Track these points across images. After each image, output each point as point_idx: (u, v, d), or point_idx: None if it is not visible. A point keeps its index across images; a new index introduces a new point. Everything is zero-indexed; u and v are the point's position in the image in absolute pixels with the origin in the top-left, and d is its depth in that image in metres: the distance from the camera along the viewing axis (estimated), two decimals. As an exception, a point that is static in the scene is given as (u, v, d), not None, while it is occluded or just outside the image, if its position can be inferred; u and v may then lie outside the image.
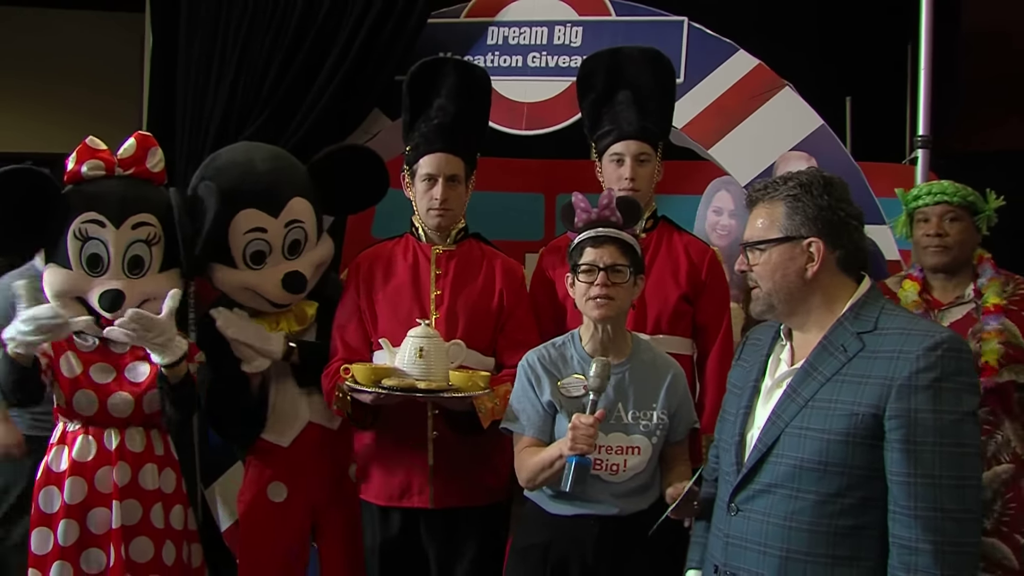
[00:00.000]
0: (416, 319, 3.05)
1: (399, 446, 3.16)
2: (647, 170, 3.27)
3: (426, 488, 3.13)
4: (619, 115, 3.29)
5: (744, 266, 2.27)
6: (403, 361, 2.97)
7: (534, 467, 2.73)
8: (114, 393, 3.21)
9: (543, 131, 4.40)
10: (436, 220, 3.21)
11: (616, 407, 2.75)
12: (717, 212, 4.33)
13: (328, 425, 3.44)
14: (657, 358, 2.87)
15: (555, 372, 2.80)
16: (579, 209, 2.86)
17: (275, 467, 3.42)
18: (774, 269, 2.23)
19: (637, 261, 2.80)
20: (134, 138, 3.29)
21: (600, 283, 2.72)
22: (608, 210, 2.83)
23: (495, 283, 3.24)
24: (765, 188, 2.28)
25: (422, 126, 3.24)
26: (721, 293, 3.32)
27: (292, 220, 3.38)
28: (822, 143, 4.15)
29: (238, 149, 3.54)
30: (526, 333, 3.21)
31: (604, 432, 2.71)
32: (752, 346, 2.45)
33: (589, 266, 2.75)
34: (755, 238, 2.26)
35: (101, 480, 3.18)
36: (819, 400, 2.15)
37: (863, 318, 2.18)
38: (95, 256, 3.21)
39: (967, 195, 3.47)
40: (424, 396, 2.91)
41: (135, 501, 3.22)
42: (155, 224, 3.28)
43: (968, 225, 3.49)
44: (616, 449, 2.73)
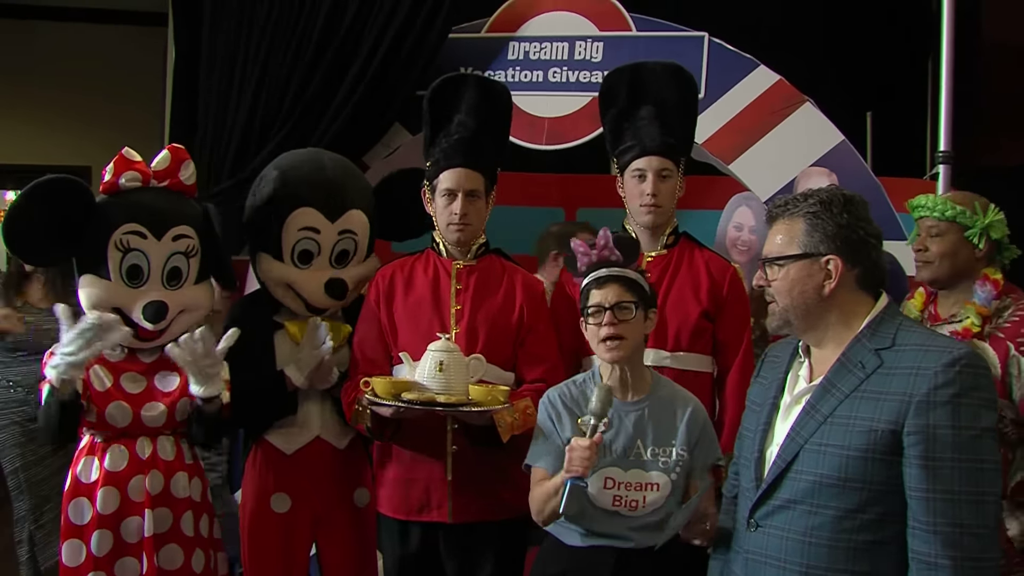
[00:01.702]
0: (436, 333, 3.06)
1: (418, 460, 3.16)
2: (669, 186, 3.26)
3: (445, 503, 3.12)
4: (641, 130, 3.28)
5: (763, 281, 2.28)
6: (423, 375, 2.97)
7: (540, 497, 2.73)
8: (148, 403, 3.21)
9: (563, 146, 4.43)
10: (456, 235, 3.21)
11: (635, 444, 2.75)
12: (738, 228, 4.32)
13: (335, 443, 3.43)
14: (676, 394, 2.86)
15: (575, 409, 2.79)
16: (579, 254, 2.87)
17: (277, 476, 3.41)
18: (792, 285, 2.25)
19: (644, 296, 2.79)
20: (168, 151, 3.30)
21: (608, 323, 2.71)
22: (607, 250, 2.83)
23: (515, 298, 3.23)
24: (785, 204, 2.29)
25: (442, 141, 3.24)
26: (742, 310, 3.30)
27: (346, 229, 3.41)
28: (843, 158, 4.16)
29: (310, 151, 3.59)
30: (546, 348, 3.21)
31: (623, 468, 2.72)
32: (770, 363, 2.46)
33: (595, 308, 2.75)
34: (774, 254, 2.27)
35: (134, 489, 3.18)
36: (838, 416, 2.16)
37: (881, 334, 2.20)
38: (136, 267, 3.22)
39: (947, 209, 3.38)
40: (444, 410, 2.91)
41: (166, 509, 3.22)
42: (193, 236, 3.30)
43: (954, 240, 3.38)
44: (635, 485, 2.72)
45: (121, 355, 3.29)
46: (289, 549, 3.41)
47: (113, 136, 3.83)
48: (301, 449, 3.41)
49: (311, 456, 3.40)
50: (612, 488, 2.71)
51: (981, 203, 3.39)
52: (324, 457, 3.41)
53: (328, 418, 3.40)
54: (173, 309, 3.25)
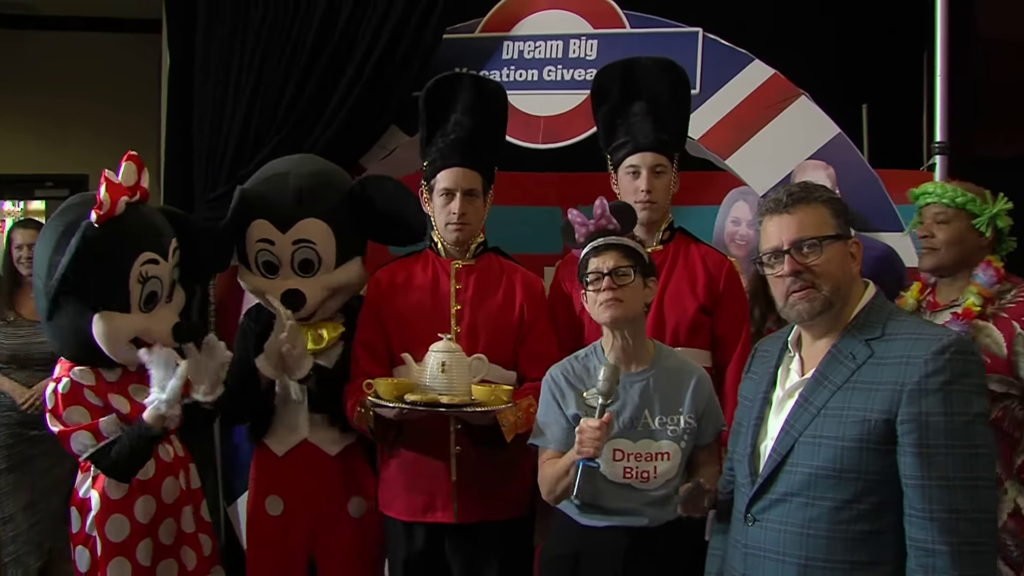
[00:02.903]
0: (438, 334, 3.05)
1: (422, 461, 3.15)
2: (663, 182, 3.26)
3: (449, 503, 3.12)
4: (634, 127, 3.28)
5: (795, 266, 2.23)
6: (426, 376, 2.97)
7: (551, 477, 2.74)
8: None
9: (559, 144, 4.39)
10: (455, 235, 3.21)
11: (643, 414, 2.75)
12: (735, 223, 4.30)
13: (325, 448, 3.42)
14: (681, 364, 2.86)
15: (579, 385, 2.80)
16: (576, 224, 2.87)
17: (271, 478, 3.43)
18: (837, 266, 2.23)
19: (643, 263, 2.80)
20: (129, 161, 3.19)
21: (606, 287, 2.72)
22: (604, 219, 2.83)
23: (515, 297, 3.23)
24: (805, 190, 2.28)
25: (439, 141, 3.25)
26: (740, 304, 3.30)
27: (301, 239, 3.38)
28: (839, 151, 4.13)
29: (290, 160, 3.60)
30: (547, 346, 3.20)
31: (632, 440, 2.72)
32: (761, 358, 2.47)
33: (594, 274, 2.75)
34: (811, 235, 2.23)
35: (168, 491, 3.22)
36: (831, 408, 2.17)
37: (870, 324, 2.21)
38: (153, 294, 3.24)
39: (956, 196, 3.35)
40: (447, 411, 2.91)
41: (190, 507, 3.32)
42: (177, 245, 3.33)
43: (961, 227, 3.35)
44: (645, 456, 2.72)
45: (116, 374, 3.27)
46: (286, 553, 3.41)
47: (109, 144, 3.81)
48: (291, 451, 3.41)
49: (301, 460, 3.40)
50: (622, 460, 2.71)
51: (990, 193, 3.37)
52: (314, 462, 3.40)
53: (318, 422, 3.40)
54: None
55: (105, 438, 3.11)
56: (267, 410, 3.42)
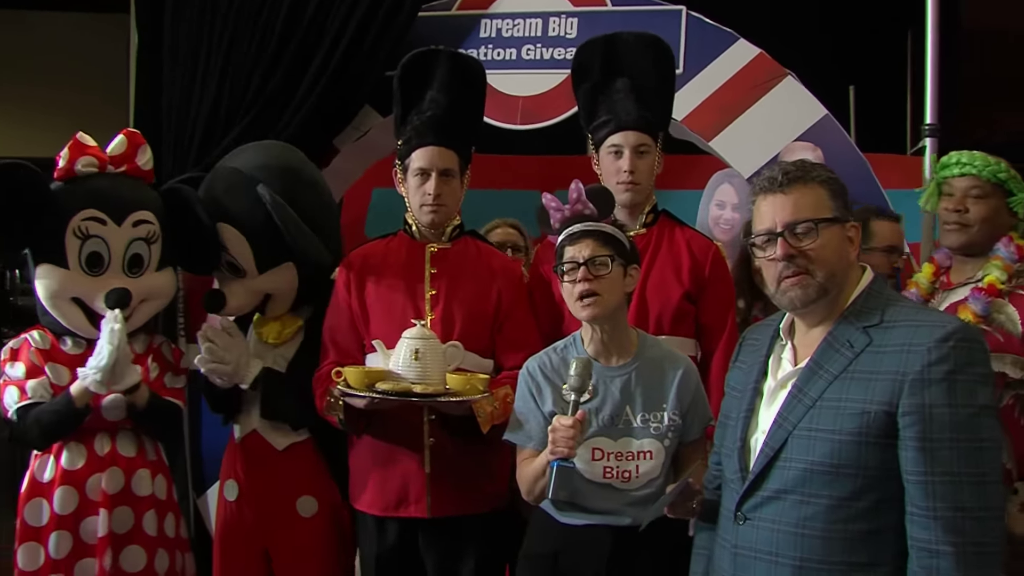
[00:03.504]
0: (411, 320, 2.97)
1: (394, 453, 3.06)
2: (647, 162, 3.17)
3: (423, 497, 3.03)
4: (616, 104, 3.18)
5: (788, 250, 2.12)
6: (398, 364, 2.88)
7: (529, 477, 2.65)
8: (106, 396, 3.12)
9: (539, 125, 4.33)
10: (430, 216, 3.12)
11: (624, 411, 2.65)
12: (720, 206, 4.21)
13: (271, 441, 3.34)
14: (665, 355, 2.75)
15: (556, 379, 2.69)
16: (551, 210, 2.76)
17: (231, 461, 3.40)
18: (833, 250, 2.13)
19: (623, 250, 2.69)
20: (124, 135, 3.26)
21: (582, 278, 2.60)
22: (580, 203, 2.71)
23: (492, 282, 3.15)
24: (802, 169, 2.18)
25: (414, 119, 3.16)
26: (726, 291, 3.21)
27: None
28: (827, 133, 4.07)
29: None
30: (525, 333, 3.12)
31: (612, 438, 2.63)
32: (750, 347, 2.36)
33: (570, 264, 2.64)
34: (807, 216, 2.13)
35: (92, 488, 3.12)
36: (827, 400, 2.07)
37: (868, 311, 2.12)
38: (96, 255, 3.16)
39: (998, 171, 3.16)
40: (420, 400, 2.82)
41: (127, 508, 3.17)
42: (154, 222, 3.25)
43: (996, 205, 3.17)
44: (626, 455, 2.62)
45: (79, 348, 3.20)
46: (244, 540, 3.35)
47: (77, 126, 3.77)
48: (244, 438, 3.37)
49: (251, 449, 3.35)
50: (601, 459, 2.61)
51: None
52: (262, 454, 3.34)
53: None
54: (136, 297, 3.19)
55: (29, 398, 3.08)
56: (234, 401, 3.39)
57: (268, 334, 3.37)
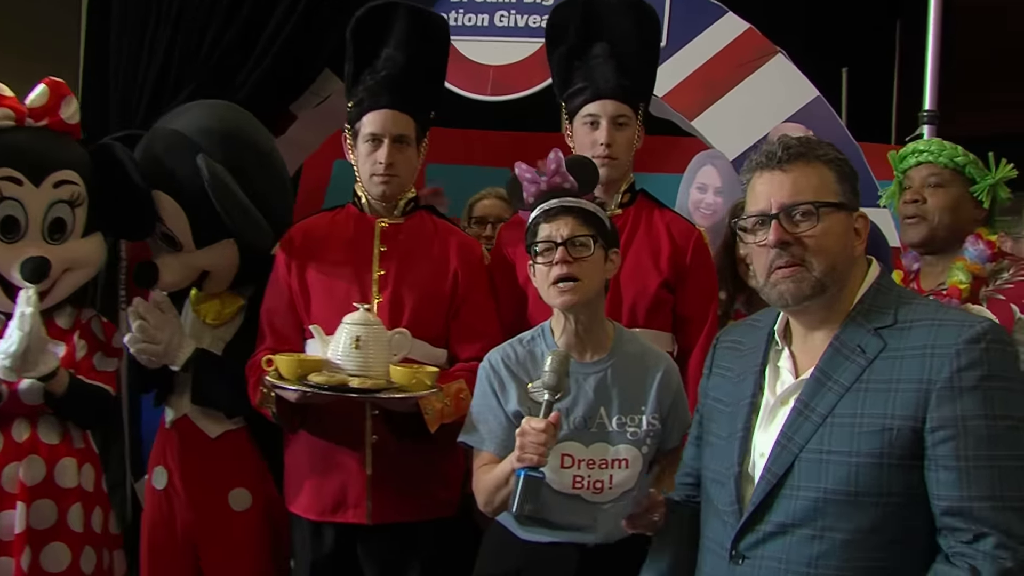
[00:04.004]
0: (354, 303, 2.74)
1: (332, 452, 2.85)
2: (625, 135, 2.96)
3: (363, 501, 2.82)
4: (594, 71, 2.97)
5: (781, 235, 1.86)
6: (336, 352, 2.66)
7: (488, 486, 2.40)
8: (21, 381, 2.89)
9: (511, 97, 4.21)
10: (381, 188, 2.91)
11: (598, 413, 2.42)
12: (701, 189, 4.01)
13: (204, 429, 3.14)
14: (645, 351, 2.54)
15: (522, 375, 2.46)
16: (525, 181, 2.55)
17: (160, 447, 3.22)
18: (836, 239, 1.87)
19: (605, 231, 2.47)
20: (45, 84, 3.03)
21: (559, 260, 2.38)
22: (558, 176, 2.51)
23: (449, 262, 2.94)
24: (806, 145, 1.92)
25: (367, 78, 2.94)
26: (708, 280, 3.01)
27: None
28: (817, 116, 4.00)
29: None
30: (484, 321, 2.93)
31: (583, 443, 2.41)
32: (733, 352, 2.09)
33: (545, 244, 2.42)
34: (807, 199, 1.87)
35: (8, 479, 2.90)
36: (840, 416, 1.80)
37: (879, 311, 1.87)
38: (11, 219, 2.93)
39: (956, 155, 2.94)
40: (358, 396, 2.60)
41: (49, 501, 2.95)
42: (78, 183, 3.02)
43: (957, 195, 2.94)
44: (599, 463, 2.40)
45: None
46: (172, 531, 3.16)
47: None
48: (176, 423, 3.18)
49: (183, 435, 3.16)
50: (571, 467, 2.39)
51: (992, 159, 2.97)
52: (192, 441, 3.15)
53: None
54: (57, 266, 2.97)
55: None
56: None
57: (206, 313, 3.20)
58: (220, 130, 3.12)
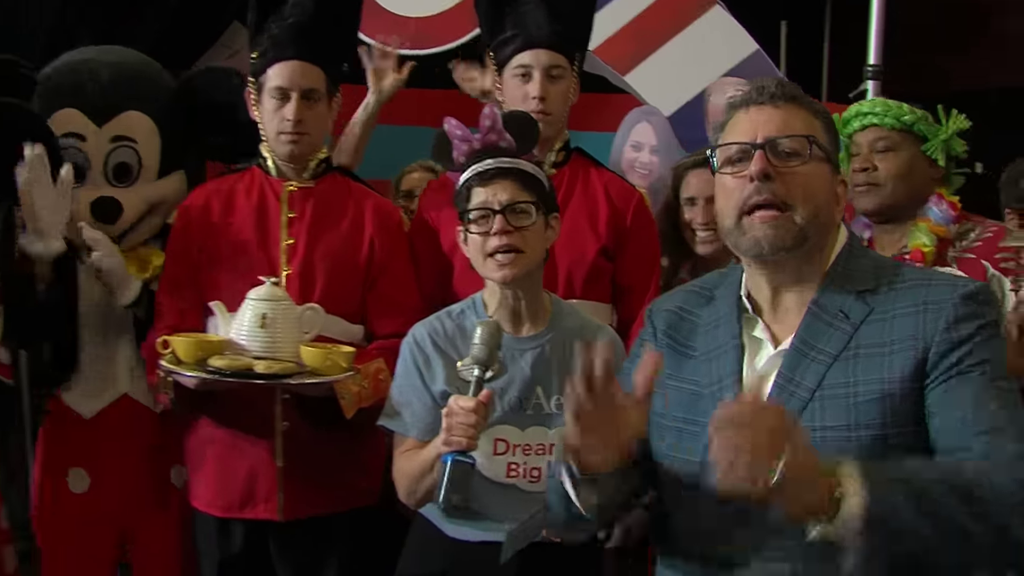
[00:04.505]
0: (259, 276, 2.53)
1: (239, 441, 2.66)
2: (560, 88, 2.77)
3: (274, 494, 2.63)
4: (525, 17, 2.78)
5: (765, 165, 1.65)
6: (241, 332, 2.47)
7: (411, 474, 2.23)
8: None
9: (434, 51, 4.06)
10: (288, 147, 2.69)
11: (534, 392, 2.26)
12: (636, 147, 3.82)
13: (149, 404, 2.90)
14: (585, 325, 2.36)
15: (451, 351, 2.27)
16: (456, 139, 2.38)
17: (73, 446, 2.92)
18: (822, 185, 1.69)
19: (545, 195, 2.29)
20: None
21: (498, 230, 2.20)
22: (494, 133, 2.36)
23: (364, 229, 2.75)
24: (797, 90, 1.74)
25: (272, 27, 2.71)
26: (650, 247, 2.83)
27: (120, 136, 2.91)
28: (757, 71, 3.84)
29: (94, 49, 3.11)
30: (404, 293, 2.74)
31: (519, 427, 2.25)
32: (685, 322, 1.83)
33: (481, 211, 2.24)
34: (801, 132, 1.68)
35: None
36: (830, 388, 1.62)
37: (856, 273, 1.71)
38: None
39: (903, 114, 2.77)
40: (266, 382, 2.40)
41: None
42: None
43: (909, 157, 2.76)
44: (536, 448, 2.24)
45: None
46: (91, 544, 2.91)
47: None
48: (104, 410, 2.91)
49: (116, 419, 2.90)
50: (506, 453, 2.24)
51: (942, 110, 2.80)
52: (132, 421, 2.91)
53: (140, 369, 2.89)
54: None
55: None
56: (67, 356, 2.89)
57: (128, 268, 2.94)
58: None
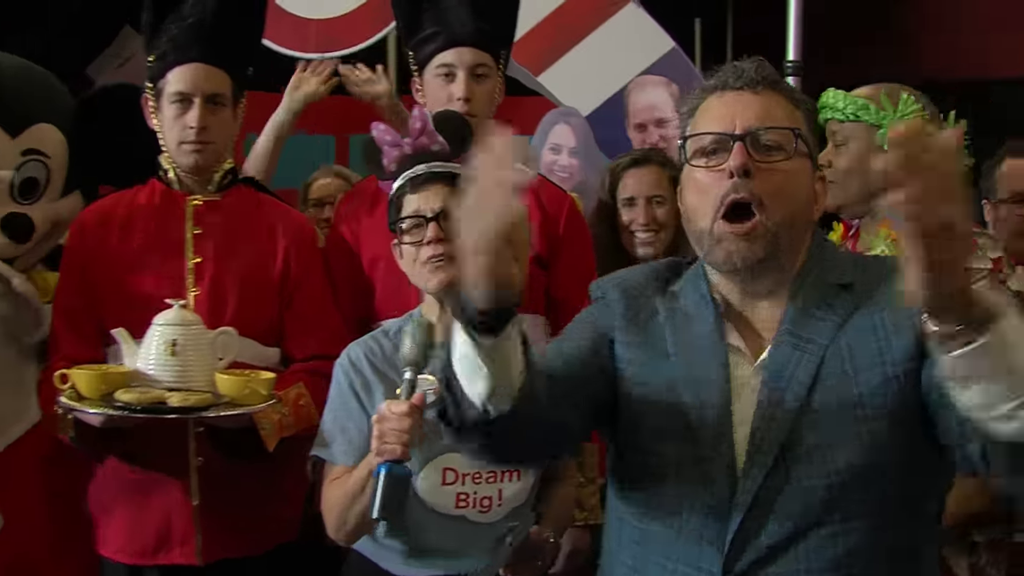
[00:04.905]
0: (166, 299, 2.38)
1: (149, 480, 2.49)
2: (486, 88, 2.68)
3: (191, 537, 2.46)
4: (447, 13, 2.69)
5: (746, 161, 1.50)
6: (148, 361, 2.31)
7: (341, 501, 2.06)
8: None
9: (338, 54, 3.85)
10: (192, 157, 2.52)
11: None
12: (555, 150, 3.75)
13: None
14: None
15: (392, 373, 2.14)
16: (385, 145, 2.24)
17: None
18: (803, 187, 1.56)
19: None
20: None
21: (432, 238, 2.10)
22: (426, 136, 2.24)
23: (277, 244, 2.61)
24: (776, 75, 1.60)
25: (171, 27, 2.55)
26: (585, 254, 2.75)
27: (32, 150, 2.71)
28: (675, 69, 3.89)
29: None
30: (322, 312, 2.60)
31: None
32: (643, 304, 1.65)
33: (413, 219, 2.13)
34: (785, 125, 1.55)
35: None
36: (828, 377, 1.50)
37: (831, 265, 1.60)
38: None
39: (848, 105, 2.63)
40: (180, 416, 2.24)
41: None
42: None
43: (861, 148, 2.61)
44: (487, 476, 2.12)
45: None
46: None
47: None
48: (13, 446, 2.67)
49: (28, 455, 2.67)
50: (454, 483, 2.13)
51: (891, 92, 2.63)
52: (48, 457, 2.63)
53: None
54: None
55: None
56: None
57: None
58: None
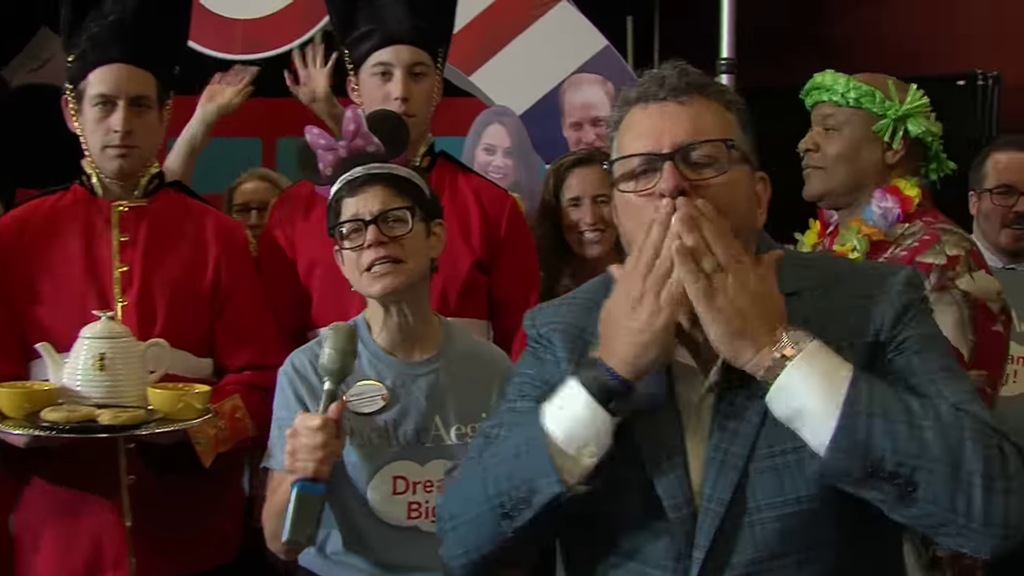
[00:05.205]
0: (92, 311, 2.28)
1: (78, 501, 2.36)
2: (424, 87, 2.60)
3: (124, 559, 2.34)
4: (383, 11, 2.60)
5: (677, 180, 1.40)
6: (75, 377, 2.20)
7: (271, 513, 2.00)
8: None
9: (264, 55, 3.81)
10: (116, 162, 2.40)
11: (432, 422, 2.09)
12: (489, 151, 3.64)
13: None
14: (480, 348, 2.25)
15: None
16: (320, 149, 2.16)
17: None
18: (743, 196, 1.46)
19: (424, 200, 2.12)
20: None
21: (371, 242, 2.02)
22: (360, 138, 2.17)
23: (207, 250, 2.51)
24: (703, 78, 1.48)
25: (92, 25, 2.43)
26: (527, 255, 2.70)
27: None
28: (608, 67, 3.84)
29: None
30: (256, 320, 2.51)
31: (419, 462, 2.08)
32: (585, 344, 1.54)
33: (352, 223, 2.06)
34: (714, 136, 1.45)
35: None
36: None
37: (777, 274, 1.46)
38: None
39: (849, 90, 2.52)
40: (111, 435, 2.13)
41: None
42: None
43: (856, 136, 2.51)
44: (438, 484, 2.07)
45: None
46: None
47: None
48: None
49: None
50: (405, 492, 2.07)
51: (898, 85, 2.55)
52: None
53: None
54: None
55: None
56: None
57: None
58: None
